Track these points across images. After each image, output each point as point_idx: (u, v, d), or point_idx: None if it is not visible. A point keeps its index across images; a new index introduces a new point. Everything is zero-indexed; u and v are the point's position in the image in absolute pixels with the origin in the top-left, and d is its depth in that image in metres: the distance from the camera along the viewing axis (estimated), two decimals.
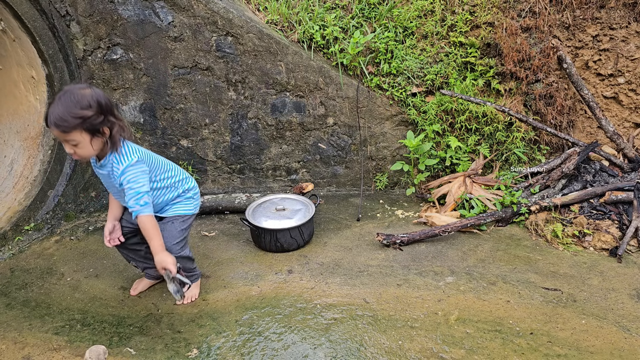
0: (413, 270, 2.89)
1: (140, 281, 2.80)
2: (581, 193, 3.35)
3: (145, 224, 2.25)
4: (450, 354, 2.20)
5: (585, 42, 3.79)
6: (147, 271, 2.75)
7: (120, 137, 2.19)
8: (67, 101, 2.04)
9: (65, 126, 2.03)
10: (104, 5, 3.45)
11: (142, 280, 2.80)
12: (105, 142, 2.17)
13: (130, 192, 2.20)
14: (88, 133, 2.09)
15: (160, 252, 2.28)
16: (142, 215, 2.24)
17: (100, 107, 2.08)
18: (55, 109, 2.03)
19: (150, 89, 3.71)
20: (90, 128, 2.08)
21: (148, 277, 2.78)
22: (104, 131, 2.14)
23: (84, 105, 2.04)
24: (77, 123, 2.04)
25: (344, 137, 3.85)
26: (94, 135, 2.11)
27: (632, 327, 2.35)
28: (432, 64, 3.80)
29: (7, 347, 2.36)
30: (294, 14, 3.83)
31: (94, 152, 2.17)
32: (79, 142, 2.09)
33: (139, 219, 2.26)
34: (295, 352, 2.25)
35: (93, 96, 2.07)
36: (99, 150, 2.18)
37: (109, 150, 2.20)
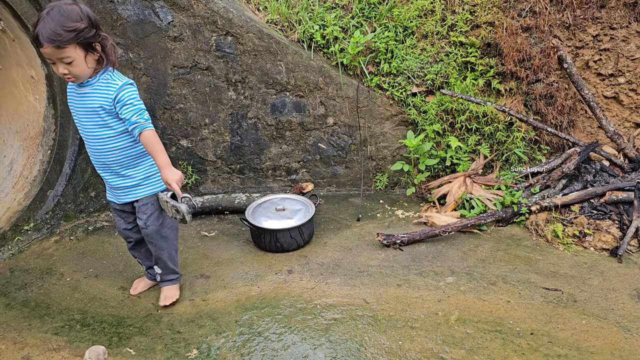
0: (413, 270, 2.89)
1: (141, 281, 2.78)
2: (582, 193, 3.35)
3: (150, 139, 2.18)
4: (451, 354, 2.20)
5: (585, 42, 3.79)
6: (149, 271, 2.73)
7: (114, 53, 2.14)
8: (57, 15, 1.97)
9: (60, 40, 1.96)
10: (104, 5, 3.45)
11: (142, 280, 2.78)
12: (98, 60, 2.11)
13: (132, 108, 2.14)
14: (82, 49, 2.03)
15: (166, 167, 2.20)
16: (148, 130, 2.17)
17: (90, 20, 2.03)
18: (46, 25, 1.95)
19: (149, 88, 3.71)
20: (84, 42, 2.02)
21: (149, 277, 2.76)
22: (97, 47, 2.08)
23: (76, 18, 1.98)
24: (72, 37, 1.97)
25: (344, 137, 3.85)
26: (87, 51, 2.05)
27: (633, 327, 2.34)
28: (432, 64, 3.79)
29: (6, 347, 2.35)
30: (294, 14, 3.83)
31: (88, 71, 2.11)
32: (74, 59, 2.03)
33: (145, 134, 2.17)
34: (295, 352, 2.25)
35: (82, 10, 2.03)
36: (93, 68, 2.12)
37: (103, 67, 2.14)
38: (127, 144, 2.29)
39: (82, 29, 1.99)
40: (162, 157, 2.21)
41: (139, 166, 2.37)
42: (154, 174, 2.41)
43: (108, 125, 2.22)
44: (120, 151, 2.28)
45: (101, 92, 2.16)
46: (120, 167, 2.33)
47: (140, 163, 2.37)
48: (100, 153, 2.29)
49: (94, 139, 2.26)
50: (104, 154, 2.29)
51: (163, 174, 2.22)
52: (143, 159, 2.37)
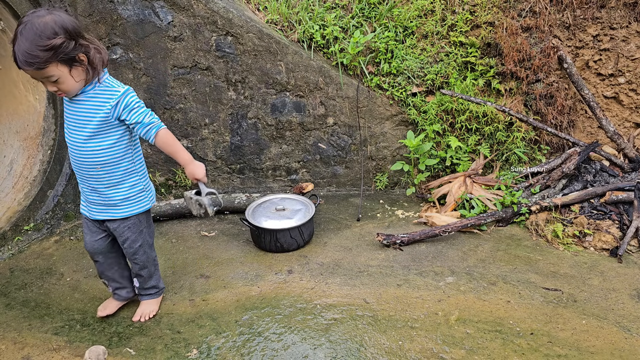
0: (413, 270, 2.89)
1: (110, 302, 2.58)
2: (582, 193, 3.35)
3: (168, 137, 2.14)
4: (451, 354, 2.20)
5: (585, 42, 3.79)
6: (117, 292, 2.56)
7: (100, 61, 2.01)
8: (31, 34, 1.81)
9: (38, 62, 1.83)
10: (104, 5, 3.45)
11: (111, 301, 2.58)
12: (86, 71, 1.98)
13: (141, 110, 2.09)
14: (65, 64, 1.91)
15: (190, 162, 2.19)
16: (164, 129, 2.13)
17: (67, 32, 1.87)
18: (20, 46, 1.81)
19: (149, 88, 3.71)
20: (65, 58, 1.89)
21: (117, 298, 2.58)
22: (81, 58, 1.94)
23: (50, 34, 1.82)
24: (49, 55, 1.83)
25: (344, 137, 3.85)
26: (71, 65, 1.93)
27: (633, 327, 2.34)
28: (432, 64, 3.79)
29: (6, 347, 2.35)
30: (294, 14, 3.82)
31: (78, 84, 2.00)
32: (58, 77, 1.92)
33: (161, 133, 2.12)
34: (295, 352, 2.25)
35: (57, 22, 1.85)
36: (82, 80, 2.01)
37: (92, 79, 2.02)
38: (110, 160, 2.17)
39: (59, 45, 1.84)
40: (184, 153, 2.19)
41: (119, 186, 2.24)
42: (132, 196, 2.29)
43: (97, 137, 2.11)
44: (102, 167, 2.17)
45: (100, 99, 2.07)
46: (100, 183, 2.22)
47: (120, 183, 2.24)
48: (82, 166, 2.19)
49: (78, 150, 2.15)
50: (86, 167, 2.18)
51: (189, 170, 2.21)
52: (124, 180, 2.25)
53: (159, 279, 2.60)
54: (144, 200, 2.34)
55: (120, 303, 2.59)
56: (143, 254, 2.44)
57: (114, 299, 2.58)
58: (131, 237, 2.37)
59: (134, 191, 2.29)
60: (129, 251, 2.41)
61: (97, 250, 2.41)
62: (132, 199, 2.29)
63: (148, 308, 2.56)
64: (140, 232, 2.39)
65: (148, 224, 2.44)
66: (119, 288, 2.55)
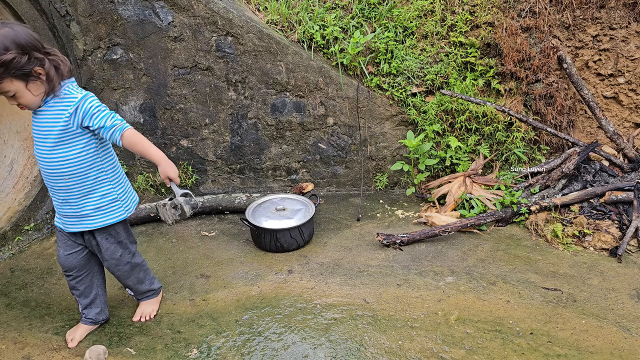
0: (413, 270, 2.89)
1: (76, 329, 2.42)
2: (581, 193, 3.35)
3: (134, 137, 2.05)
4: (450, 354, 2.20)
5: (585, 42, 3.79)
6: (85, 312, 2.41)
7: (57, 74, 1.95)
8: None
9: None
10: (104, 5, 3.45)
11: (77, 328, 2.42)
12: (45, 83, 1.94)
13: (103, 114, 2.01)
14: (19, 79, 1.87)
15: (163, 160, 2.11)
16: (129, 129, 2.04)
17: (19, 46, 1.82)
18: None
19: (150, 89, 3.71)
20: (19, 73, 1.84)
21: (85, 321, 2.42)
22: (38, 72, 1.89)
23: (0, 50, 1.78)
24: (1, 72, 1.80)
25: (344, 137, 3.85)
26: (27, 79, 1.88)
27: (632, 327, 2.35)
28: (432, 64, 3.80)
29: (7, 347, 2.36)
30: (294, 14, 3.83)
31: (37, 99, 1.95)
32: (15, 92, 1.88)
33: (126, 133, 2.03)
34: (295, 352, 2.25)
35: (7, 36, 1.80)
36: (42, 93, 1.95)
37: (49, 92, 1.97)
38: (77, 170, 2.10)
39: (9, 61, 1.79)
40: (155, 150, 2.11)
41: (89, 196, 2.17)
42: (104, 206, 2.21)
43: (60, 147, 2.05)
44: (70, 177, 2.10)
45: (59, 107, 2.00)
46: (69, 194, 2.15)
47: (90, 193, 2.17)
48: (50, 177, 2.12)
49: (45, 161, 2.10)
50: (54, 178, 2.12)
51: (162, 167, 2.12)
52: (95, 189, 2.18)
53: (153, 281, 2.56)
54: (117, 210, 2.24)
55: (90, 328, 2.43)
56: (126, 264, 2.37)
57: (82, 322, 2.42)
58: (110, 247, 2.30)
59: (106, 201, 2.21)
60: (111, 263, 2.33)
61: (71, 265, 2.31)
62: (104, 208, 2.21)
63: (148, 308, 2.55)
64: (119, 242, 2.32)
65: (127, 234, 2.36)
66: (89, 305, 2.40)
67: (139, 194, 3.90)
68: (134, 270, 2.43)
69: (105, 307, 2.47)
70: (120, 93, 3.73)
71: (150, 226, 3.54)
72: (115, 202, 2.24)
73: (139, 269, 2.46)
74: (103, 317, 2.46)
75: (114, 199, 2.23)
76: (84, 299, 2.39)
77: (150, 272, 2.57)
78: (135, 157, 3.91)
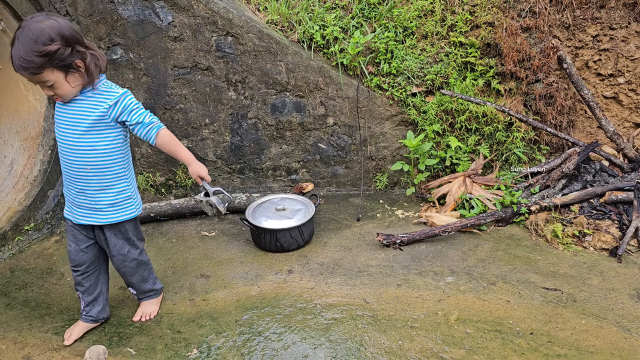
0: (413, 270, 2.89)
1: (75, 326, 2.42)
2: (581, 193, 3.35)
3: (169, 137, 2.16)
4: (450, 354, 2.20)
5: (585, 42, 3.79)
6: (87, 309, 2.40)
7: (96, 68, 2.02)
8: (27, 39, 1.82)
9: (32, 67, 1.85)
10: (104, 5, 3.45)
11: (76, 325, 2.42)
12: (83, 77, 1.99)
13: (141, 111, 2.10)
14: (60, 70, 1.92)
15: (194, 161, 2.22)
16: (164, 128, 2.14)
17: (64, 38, 1.87)
18: (17, 51, 1.83)
19: (150, 89, 3.71)
20: (61, 64, 1.90)
21: (86, 319, 2.42)
22: (78, 65, 1.95)
23: (46, 40, 1.83)
24: (45, 61, 1.85)
25: (344, 137, 3.85)
26: (67, 71, 1.94)
27: (632, 327, 2.35)
28: (432, 64, 3.80)
29: (7, 347, 2.36)
30: (294, 14, 3.83)
31: (74, 90, 2.00)
32: (54, 82, 1.93)
33: (162, 132, 2.13)
34: (295, 352, 2.25)
35: (53, 28, 1.85)
36: (79, 85, 2.02)
37: (87, 85, 2.03)
38: (101, 162, 2.14)
39: (54, 51, 1.85)
40: (186, 152, 2.20)
41: (107, 190, 2.20)
42: (120, 202, 2.24)
43: (89, 134, 2.08)
44: (92, 167, 2.13)
45: (97, 101, 2.06)
46: (88, 185, 2.17)
47: (109, 187, 2.20)
48: (72, 165, 2.14)
49: (69, 148, 2.12)
50: (76, 167, 2.14)
51: (193, 168, 2.23)
52: (113, 184, 2.21)
53: (155, 281, 2.57)
54: (130, 207, 2.29)
55: (89, 326, 2.43)
56: (132, 261, 2.39)
57: (82, 320, 2.42)
58: (118, 243, 2.32)
59: (122, 197, 2.25)
60: (118, 259, 2.35)
61: (82, 260, 2.32)
62: (119, 204, 2.25)
63: (149, 308, 2.55)
64: (127, 239, 2.35)
65: (136, 231, 2.40)
66: (92, 303, 2.40)
67: (139, 193, 3.90)
68: (139, 267, 2.45)
69: (107, 305, 2.48)
70: None
71: (150, 226, 3.54)
72: (129, 200, 2.29)
73: (144, 267, 2.48)
74: (104, 315, 2.46)
75: (128, 197, 2.28)
76: (88, 296, 2.39)
77: (154, 272, 2.58)
78: (135, 157, 3.91)
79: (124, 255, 2.36)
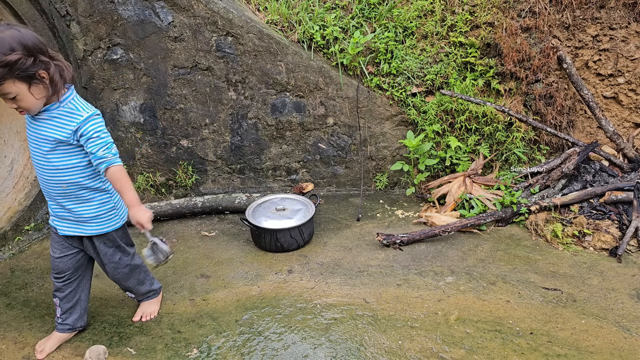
0: (413, 270, 2.89)
1: (48, 339, 2.35)
2: (581, 193, 3.36)
3: (117, 175, 2.02)
4: (450, 353, 2.21)
5: (585, 42, 3.79)
6: (63, 317, 2.35)
7: (61, 79, 1.92)
8: None
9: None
10: (104, 5, 3.45)
11: (49, 338, 2.35)
12: (47, 88, 1.90)
13: (99, 141, 1.98)
14: (23, 81, 1.83)
15: (136, 205, 2.04)
16: (116, 166, 2.01)
17: (26, 48, 1.80)
18: None
19: (150, 89, 3.71)
20: (23, 75, 1.81)
21: (62, 328, 2.36)
22: (41, 75, 1.86)
23: (6, 50, 1.75)
24: (5, 72, 1.77)
25: (344, 137, 3.85)
26: (30, 82, 1.85)
27: (632, 327, 2.35)
28: (432, 64, 3.80)
29: (7, 347, 2.36)
30: (294, 14, 3.83)
31: (38, 102, 1.91)
32: (16, 94, 1.85)
33: (112, 170, 2.01)
34: (295, 352, 2.25)
35: (14, 37, 1.78)
36: (44, 98, 1.92)
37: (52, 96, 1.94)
38: (74, 180, 2.08)
39: (15, 61, 1.77)
40: (131, 194, 2.04)
41: (87, 203, 2.15)
42: (103, 214, 2.20)
43: (55, 153, 2.02)
44: (68, 185, 2.09)
45: (61, 122, 1.98)
46: (67, 200, 2.13)
47: (89, 201, 2.15)
48: (47, 183, 2.10)
49: (40, 167, 2.07)
50: (51, 184, 2.09)
51: (132, 213, 2.05)
52: (93, 198, 2.16)
53: (152, 282, 2.56)
54: (115, 217, 2.25)
55: (64, 337, 2.37)
56: (125, 267, 2.37)
57: (57, 331, 2.36)
58: (108, 252, 2.29)
59: (104, 209, 2.20)
60: (110, 266, 2.33)
61: (64, 267, 2.27)
62: (102, 216, 2.20)
63: (149, 308, 2.55)
64: (117, 247, 2.32)
65: (125, 237, 2.36)
66: (69, 310, 2.34)
67: (139, 193, 3.90)
68: (133, 272, 2.43)
69: (85, 314, 2.42)
70: (121, 93, 3.73)
71: None
72: (113, 211, 2.24)
73: (138, 270, 2.45)
74: (81, 323, 2.40)
75: (111, 208, 2.23)
76: (66, 303, 2.33)
77: (150, 272, 2.57)
78: (135, 157, 3.92)
79: (115, 262, 2.33)
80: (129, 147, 3.89)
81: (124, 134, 3.85)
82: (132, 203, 2.05)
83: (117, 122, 3.81)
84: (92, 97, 3.71)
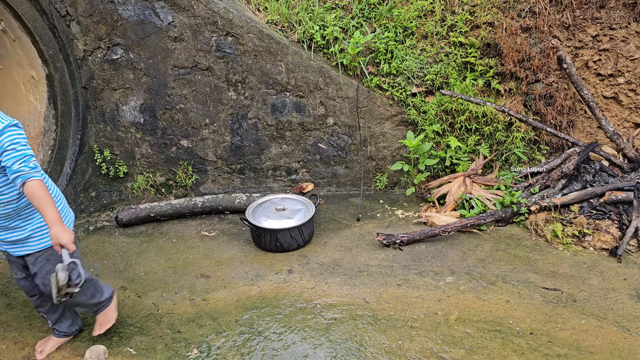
0: (413, 270, 2.89)
1: (47, 340, 2.34)
2: (581, 193, 3.35)
3: (35, 190, 1.83)
4: (450, 353, 2.21)
5: (585, 42, 3.79)
6: (56, 327, 2.33)
7: None
8: None
9: None
10: (104, 6, 3.45)
11: (48, 340, 2.34)
12: None
13: (15, 154, 1.82)
14: None
15: (57, 224, 1.85)
16: (33, 180, 1.84)
17: None
18: None
19: (150, 89, 3.71)
20: None
21: (58, 334, 2.35)
22: None
23: None
24: None
25: (344, 137, 3.85)
26: None
27: (632, 327, 2.35)
28: (432, 64, 3.80)
29: (7, 347, 2.36)
30: (294, 14, 3.83)
31: None
32: None
33: (29, 184, 1.83)
34: (295, 351, 2.25)
35: None
36: None
37: None
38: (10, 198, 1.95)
39: None
40: (51, 211, 1.84)
41: (28, 219, 2.03)
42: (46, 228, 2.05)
43: None
44: (5, 204, 1.96)
45: None
46: (7, 221, 2.01)
47: (30, 216, 2.04)
48: None
49: None
50: None
51: (53, 232, 1.86)
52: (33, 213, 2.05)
53: (103, 291, 2.32)
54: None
55: (62, 340, 2.34)
56: None
57: (54, 335, 2.34)
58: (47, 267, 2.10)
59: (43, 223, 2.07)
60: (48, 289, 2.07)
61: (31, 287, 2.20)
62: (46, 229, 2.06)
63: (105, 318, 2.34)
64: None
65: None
66: (59, 320, 2.31)
67: (139, 193, 3.91)
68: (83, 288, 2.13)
69: (77, 319, 2.38)
70: (121, 93, 3.73)
71: (150, 226, 3.55)
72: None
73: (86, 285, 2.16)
74: (76, 328, 2.38)
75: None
76: (52, 315, 2.29)
77: (99, 283, 2.33)
78: (135, 157, 3.92)
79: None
80: (129, 147, 3.89)
81: (124, 134, 3.85)
82: (53, 222, 1.86)
83: (117, 122, 3.81)
84: (92, 97, 3.72)
